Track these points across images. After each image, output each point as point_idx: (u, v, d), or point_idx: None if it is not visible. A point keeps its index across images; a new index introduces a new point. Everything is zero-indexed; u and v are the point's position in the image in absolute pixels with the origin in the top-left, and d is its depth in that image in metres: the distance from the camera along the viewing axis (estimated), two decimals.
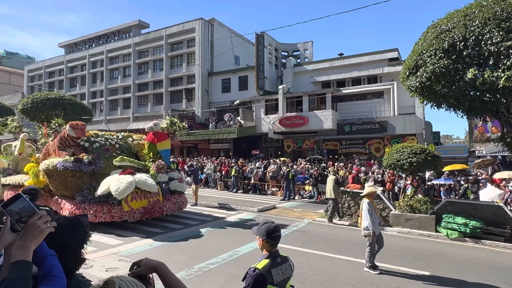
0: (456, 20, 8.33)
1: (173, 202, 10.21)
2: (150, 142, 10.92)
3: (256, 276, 2.43)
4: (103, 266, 6.31)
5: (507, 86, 7.33)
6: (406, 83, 9.61)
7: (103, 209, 8.78)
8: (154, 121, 11.13)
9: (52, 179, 9.50)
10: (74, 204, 9.07)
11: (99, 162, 9.32)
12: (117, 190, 8.53)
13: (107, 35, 41.56)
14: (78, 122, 10.03)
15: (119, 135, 11.22)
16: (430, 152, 10.54)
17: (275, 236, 2.64)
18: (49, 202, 10.09)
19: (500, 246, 8.62)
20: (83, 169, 9.05)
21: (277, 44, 33.46)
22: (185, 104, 34.31)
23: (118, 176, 8.99)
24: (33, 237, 1.33)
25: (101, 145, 10.10)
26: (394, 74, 23.41)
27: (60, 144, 9.84)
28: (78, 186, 9.22)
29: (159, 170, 10.23)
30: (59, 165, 8.95)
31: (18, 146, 11.98)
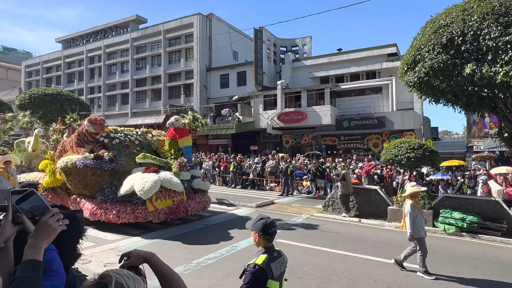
0: (454, 15, 8.32)
1: (197, 201, 9.68)
2: (171, 138, 10.41)
3: (256, 271, 2.42)
4: (101, 261, 6.32)
5: (505, 81, 7.34)
6: (404, 78, 9.60)
7: (126, 209, 8.28)
8: (175, 116, 10.69)
9: (71, 177, 9.06)
10: (95, 204, 8.60)
11: (120, 160, 8.85)
12: (142, 190, 8.08)
13: (104, 30, 41.33)
14: (97, 116, 9.58)
15: (138, 131, 10.70)
16: (428, 148, 10.57)
17: (271, 232, 2.63)
18: (66, 201, 9.74)
19: (497, 240, 8.67)
20: (104, 166, 8.58)
21: (276, 40, 33.34)
22: (183, 100, 34.21)
23: (142, 174, 8.54)
24: (45, 235, 1.32)
25: (121, 141, 9.63)
26: (393, 69, 23.39)
27: (78, 141, 9.38)
28: (99, 185, 8.79)
29: (181, 168, 9.72)
30: (79, 163, 8.49)
31: (31, 143, 11.49)
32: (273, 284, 2.44)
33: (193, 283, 5.31)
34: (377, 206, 11.10)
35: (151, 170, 8.70)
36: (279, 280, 2.54)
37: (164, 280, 1.46)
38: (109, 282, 1.19)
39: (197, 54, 33.10)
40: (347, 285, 5.45)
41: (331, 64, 27.74)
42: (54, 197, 10.03)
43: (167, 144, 10.48)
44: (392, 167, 14.22)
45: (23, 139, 12.33)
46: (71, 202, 9.38)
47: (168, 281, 1.46)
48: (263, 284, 2.41)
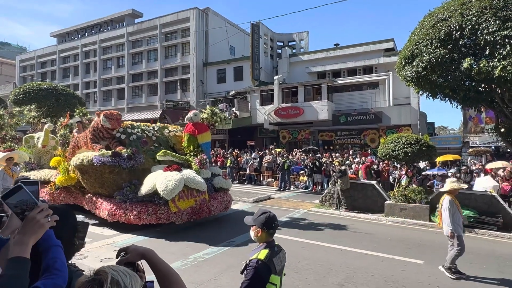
0: (452, 9, 8.29)
1: (220, 200, 9.13)
2: (190, 134, 9.83)
3: (260, 267, 2.39)
4: (98, 257, 6.28)
5: (503, 76, 7.33)
6: (402, 73, 9.58)
7: (148, 210, 7.79)
8: (193, 110, 10.15)
9: (87, 176, 8.53)
10: (113, 204, 8.10)
11: (139, 157, 8.31)
12: (166, 189, 7.59)
13: (100, 25, 40.93)
14: (114, 111, 9.02)
15: (155, 126, 10.09)
16: (424, 143, 10.57)
17: (274, 226, 2.61)
18: (80, 200, 9.28)
19: (493, 235, 8.72)
20: (122, 164, 8.01)
21: (273, 34, 33.19)
22: (179, 95, 34.07)
23: (163, 173, 8.05)
24: (32, 232, 1.28)
25: (139, 138, 9.03)
26: (390, 64, 23.38)
27: (93, 136, 8.84)
28: (116, 184, 8.28)
29: (202, 166, 9.16)
30: (96, 160, 7.94)
31: (41, 138, 10.84)
32: (275, 279, 2.42)
33: (190, 278, 5.29)
34: (374, 201, 11.12)
35: (174, 168, 8.20)
36: (280, 274, 2.53)
37: (161, 277, 1.43)
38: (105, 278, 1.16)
39: (194, 48, 32.90)
40: (344, 279, 5.46)
41: (328, 59, 27.68)
42: (66, 196, 9.57)
43: (185, 140, 9.95)
44: (389, 162, 14.23)
45: (32, 134, 11.68)
46: (86, 202, 8.94)
47: (165, 278, 1.43)
48: (266, 279, 2.38)
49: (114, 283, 1.15)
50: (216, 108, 11.27)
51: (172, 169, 8.16)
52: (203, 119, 10.55)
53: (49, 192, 9.60)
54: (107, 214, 8.06)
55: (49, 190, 9.61)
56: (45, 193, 9.59)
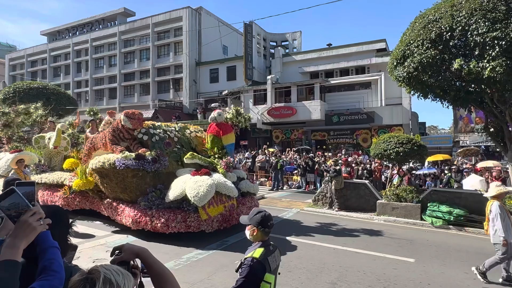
0: (443, 10, 8.39)
1: (248, 206, 8.43)
2: (214, 135, 9.21)
3: (254, 265, 2.40)
4: (90, 257, 6.24)
5: (492, 76, 7.44)
6: (393, 73, 9.66)
7: (176, 218, 7.22)
8: (217, 110, 9.62)
9: (107, 180, 7.91)
10: (138, 211, 7.47)
11: (163, 159, 7.72)
12: (197, 196, 6.99)
13: (91, 23, 40.58)
14: (135, 110, 8.43)
15: (176, 126, 9.48)
16: (416, 142, 10.70)
17: (270, 224, 2.63)
18: (97, 205, 8.71)
19: (482, 233, 8.82)
20: (147, 167, 7.42)
21: (266, 34, 33.23)
22: (172, 95, 33.94)
23: (193, 177, 7.48)
24: (23, 235, 1.27)
25: (161, 139, 8.37)
26: (382, 65, 23.58)
27: (113, 137, 8.26)
28: (140, 188, 7.72)
29: (228, 169, 8.58)
30: (119, 163, 7.34)
31: (53, 139, 10.14)
32: (270, 278, 2.44)
33: (183, 278, 5.29)
34: (366, 200, 11.22)
35: (204, 172, 7.65)
36: (275, 273, 2.55)
37: (155, 277, 1.43)
38: (97, 277, 1.16)
39: (187, 48, 32.79)
40: (337, 278, 5.50)
41: (321, 59, 27.81)
42: (82, 201, 8.94)
43: (208, 141, 9.31)
44: (381, 162, 14.36)
45: (43, 134, 10.96)
46: (106, 207, 8.34)
47: (159, 277, 1.43)
48: (260, 277, 2.40)
49: (106, 282, 1.16)
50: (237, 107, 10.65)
51: (202, 173, 7.62)
52: (227, 119, 10.03)
53: (63, 196, 9.05)
54: (130, 221, 7.45)
55: (63, 194, 9.06)
56: (58, 197, 9.17)
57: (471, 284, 5.43)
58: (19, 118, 12.68)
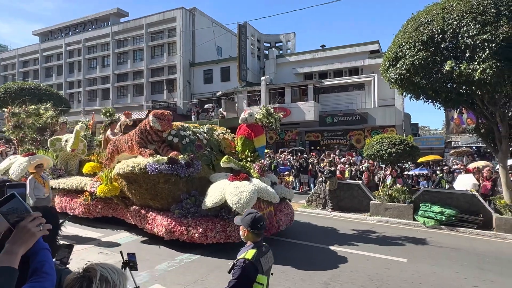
0: (435, 13, 8.48)
1: (285, 213, 7.98)
2: (245, 137, 8.68)
3: (247, 266, 2.41)
4: (83, 259, 6.19)
5: (482, 78, 7.54)
6: (386, 75, 9.75)
7: (215, 227, 6.65)
8: (247, 111, 9.13)
9: (136, 185, 7.32)
10: (172, 219, 6.89)
11: (197, 164, 7.17)
12: (239, 203, 6.39)
13: (84, 23, 40.28)
14: (164, 111, 7.88)
15: (204, 127, 8.85)
16: (408, 143, 10.80)
17: (260, 226, 2.63)
18: (121, 212, 8.13)
19: (474, 233, 8.97)
20: (180, 172, 6.84)
21: (260, 35, 33.29)
22: (166, 95, 33.83)
23: (232, 182, 6.92)
24: (22, 241, 1.26)
25: (192, 141, 7.79)
26: (375, 66, 23.75)
27: (140, 139, 7.67)
28: (172, 195, 7.15)
29: (262, 173, 8.04)
30: (151, 168, 6.73)
31: (70, 141, 9.53)
32: (262, 279, 2.45)
33: (177, 280, 5.27)
34: (360, 201, 11.29)
35: (243, 177, 7.10)
36: (267, 274, 2.56)
37: None
38: (94, 275, 1.17)
39: (180, 48, 32.71)
40: (330, 278, 5.53)
41: (315, 61, 27.93)
42: (104, 208, 8.38)
43: (238, 143, 8.79)
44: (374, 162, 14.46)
45: (59, 136, 10.36)
46: (132, 215, 7.74)
47: None
48: (252, 278, 2.42)
49: (103, 280, 1.17)
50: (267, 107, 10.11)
51: (241, 178, 7.04)
52: (257, 120, 9.52)
53: (84, 203, 8.50)
54: (164, 231, 6.85)
55: (83, 201, 8.51)
56: (78, 204, 8.65)
57: (463, 283, 5.50)
58: (30, 119, 12.14)
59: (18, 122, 11.87)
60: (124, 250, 2.83)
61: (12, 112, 11.97)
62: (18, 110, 12.16)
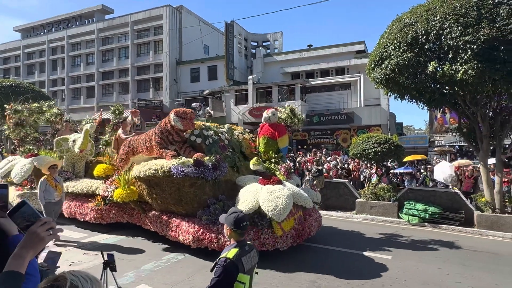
0: (419, 14, 8.64)
1: (314, 217, 7.47)
2: (268, 137, 8.22)
3: (228, 265, 2.43)
4: (67, 260, 6.08)
5: (464, 79, 7.73)
6: (372, 75, 9.88)
7: (248, 234, 6.08)
8: (270, 109, 8.63)
9: (157, 190, 6.79)
10: (199, 226, 6.37)
11: (223, 166, 6.70)
12: (275, 209, 5.99)
13: (68, 20, 39.48)
14: (186, 109, 7.32)
15: (225, 127, 8.36)
16: (393, 142, 10.98)
17: (243, 226, 2.64)
18: (137, 218, 7.58)
19: (456, 230, 9.19)
20: (208, 175, 6.33)
21: (247, 34, 33.26)
22: (152, 94, 33.48)
23: (265, 187, 6.47)
24: (31, 246, 1.26)
25: (215, 141, 7.25)
26: (361, 66, 24.01)
27: (161, 140, 7.14)
28: (198, 200, 6.61)
29: (289, 175, 7.64)
30: (176, 171, 6.22)
31: (78, 141, 8.80)
32: (243, 278, 2.46)
33: (163, 279, 5.24)
34: (346, 199, 11.42)
35: (276, 181, 6.70)
36: (250, 273, 2.57)
37: None
38: (63, 284, 1.13)
39: (167, 47, 32.41)
40: (316, 276, 5.58)
41: (302, 60, 28.08)
42: (118, 213, 7.86)
43: (261, 144, 8.31)
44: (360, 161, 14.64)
45: (66, 136, 9.63)
46: (152, 221, 7.17)
47: None
48: (234, 277, 2.43)
49: None
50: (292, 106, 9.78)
51: (274, 182, 6.63)
52: (280, 119, 9.14)
53: (95, 208, 7.93)
54: (191, 238, 6.37)
55: (95, 205, 7.89)
56: (90, 209, 8.06)
57: (445, 279, 5.62)
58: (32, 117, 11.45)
59: (20, 120, 11.13)
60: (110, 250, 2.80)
61: (14, 109, 11.22)
62: (21, 107, 11.44)
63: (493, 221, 9.00)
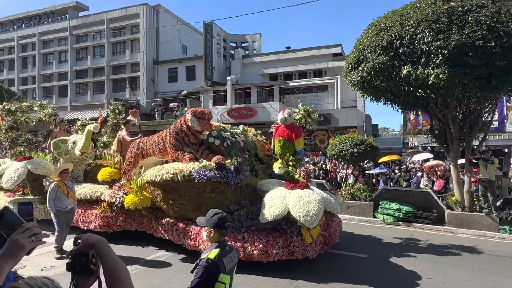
0: (393, 19, 8.91)
1: (336, 222, 7.24)
2: (285, 138, 7.76)
3: (209, 266, 2.43)
4: (38, 266, 5.87)
5: (436, 82, 8.03)
6: (348, 77, 10.10)
7: (277, 242, 5.76)
8: (286, 110, 8.18)
9: (175, 195, 6.33)
10: None
11: (246, 169, 6.31)
12: (307, 215, 5.60)
13: (39, 16, 38.08)
14: (204, 109, 6.88)
15: (240, 128, 7.90)
16: (369, 144, 11.25)
17: (227, 226, 2.68)
18: (148, 226, 7.05)
19: (428, 228, 9.52)
20: (230, 180, 5.93)
21: (226, 35, 33.16)
22: (128, 94, 32.79)
23: (292, 191, 6.08)
24: (10, 255, 1.18)
25: (233, 143, 6.74)
26: (338, 68, 24.45)
27: (176, 142, 6.69)
28: (220, 206, 5.83)
29: (309, 179, 7.33)
30: (199, 175, 5.78)
31: (80, 143, 8.14)
32: (224, 278, 2.47)
33: (141, 283, 5.14)
34: None
35: (303, 185, 6.32)
36: (230, 274, 2.58)
37: (106, 272, 1.33)
38: None
39: (144, 46, 31.85)
40: (295, 277, 5.63)
41: (280, 62, 28.28)
42: (126, 220, 7.25)
43: (276, 146, 7.85)
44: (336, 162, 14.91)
45: (64, 137, 8.88)
46: (166, 229, 6.65)
47: (110, 273, 1.33)
48: (215, 278, 2.43)
49: None
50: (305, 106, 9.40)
51: (301, 186, 6.27)
52: (295, 120, 8.76)
53: (101, 215, 7.28)
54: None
55: (100, 213, 7.24)
56: (95, 216, 7.35)
57: (418, 276, 5.81)
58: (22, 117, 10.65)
59: (16, 123, 10.28)
60: None
61: (7, 109, 10.34)
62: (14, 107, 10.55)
63: (462, 219, 9.38)
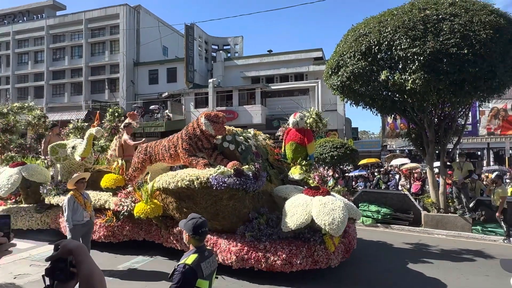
0: (372, 25, 9.12)
1: (352, 229, 7.08)
2: (297, 143, 7.51)
3: (186, 271, 2.40)
4: (11, 273, 5.66)
5: (413, 88, 8.27)
6: (329, 82, 10.26)
7: (301, 252, 5.51)
8: (297, 113, 7.91)
9: (190, 203, 6.01)
10: (242, 244, 5.63)
11: (263, 175, 6.04)
12: (333, 223, 5.29)
13: (14, 14, 36.88)
14: (217, 112, 6.55)
15: (251, 131, 7.49)
16: (349, 147, 11.46)
17: (201, 232, 2.64)
18: (157, 235, 6.73)
19: (405, 229, 9.76)
20: (249, 187, 5.58)
21: (208, 37, 33.06)
22: (108, 95, 32.14)
23: (314, 198, 5.77)
24: None
25: (247, 148, 6.43)
26: (319, 72, 24.80)
27: (189, 146, 6.34)
28: (237, 214, 5.93)
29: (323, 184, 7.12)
30: (217, 182, 5.46)
31: (80, 148, 7.64)
32: (202, 283, 2.46)
33: None
34: None
35: (325, 192, 6.04)
36: (209, 279, 2.57)
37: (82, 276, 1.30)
38: None
39: (124, 47, 31.33)
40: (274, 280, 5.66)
41: (262, 65, 28.43)
42: (133, 230, 6.88)
43: (288, 150, 7.61)
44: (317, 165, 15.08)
45: (62, 142, 8.42)
46: (179, 238, 6.27)
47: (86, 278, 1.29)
48: (192, 283, 2.41)
49: None
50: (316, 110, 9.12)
51: (323, 193, 5.96)
52: (307, 124, 8.52)
53: (105, 225, 6.90)
54: (234, 258, 5.60)
55: (105, 222, 6.90)
56: (98, 226, 6.92)
57: (396, 276, 5.95)
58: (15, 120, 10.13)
59: (9, 126, 9.75)
60: None
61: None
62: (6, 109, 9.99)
63: (438, 220, 9.67)
